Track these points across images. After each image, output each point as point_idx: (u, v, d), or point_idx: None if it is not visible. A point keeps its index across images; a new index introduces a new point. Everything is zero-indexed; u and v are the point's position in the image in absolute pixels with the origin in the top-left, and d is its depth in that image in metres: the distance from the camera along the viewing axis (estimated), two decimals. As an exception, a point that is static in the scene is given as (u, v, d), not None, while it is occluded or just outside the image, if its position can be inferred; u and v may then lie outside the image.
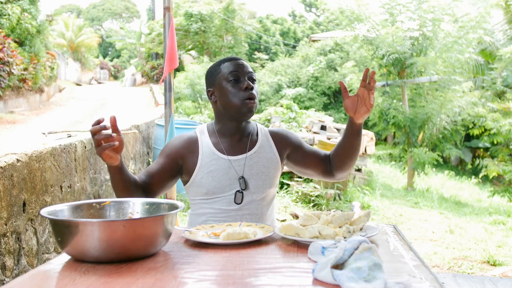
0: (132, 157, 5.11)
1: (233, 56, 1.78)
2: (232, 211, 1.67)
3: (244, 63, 1.73)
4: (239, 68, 1.70)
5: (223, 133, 1.74)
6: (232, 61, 1.73)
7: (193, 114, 10.90)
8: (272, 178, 1.73)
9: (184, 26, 17.29)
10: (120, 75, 31.26)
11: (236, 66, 1.70)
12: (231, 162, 1.69)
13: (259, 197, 1.70)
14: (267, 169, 1.72)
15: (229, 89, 1.68)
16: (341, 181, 6.45)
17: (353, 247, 1.01)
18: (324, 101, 15.25)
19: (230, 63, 1.72)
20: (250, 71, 1.72)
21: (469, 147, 13.23)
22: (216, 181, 1.66)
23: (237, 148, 1.72)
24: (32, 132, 6.41)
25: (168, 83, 3.49)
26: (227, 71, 1.69)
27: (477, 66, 11.72)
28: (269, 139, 1.79)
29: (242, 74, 1.69)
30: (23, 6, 10.08)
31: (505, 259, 4.39)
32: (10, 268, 2.10)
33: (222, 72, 1.71)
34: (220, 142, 1.73)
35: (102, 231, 1.03)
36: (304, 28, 26.56)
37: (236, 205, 1.67)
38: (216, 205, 1.68)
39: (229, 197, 1.67)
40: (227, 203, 1.67)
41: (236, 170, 1.68)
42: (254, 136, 1.77)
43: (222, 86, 1.69)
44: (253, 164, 1.70)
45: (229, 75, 1.68)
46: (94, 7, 42.48)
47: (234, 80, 1.68)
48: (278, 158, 1.76)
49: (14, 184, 2.14)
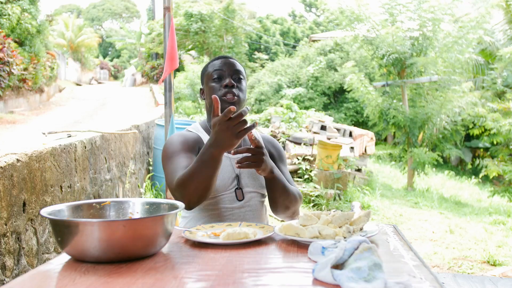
0: (132, 157, 5.11)
1: (223, 55, 1.80)
2: (235, 208, 1.68)
3: (231, 62, 1.74)
4: (224, 67, 1.72)
5: None
6: (220, 59, 1.75)
7: (193, 114, 10.91)
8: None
9: (184, 26, 17.29)
10: (120, 75, 31.27)
11: (221, 65, 1.72)
12: (230, 160, 1.72)
13: (256, 194, 1.74)
14: None
15: (211, 86, 1.70)
16: (344, 186, 6.45)
17: (353, 247, 1.01)
18: (324, 101, 15.25)
19: (217, 61, 1.75)
20: (237, 69, 1.73)
21: (469, 147, 13.24)
22: (220, 179, 1.67)
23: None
24: (32, 132, 6.41)
25: (168, 83, 3.49)
26: (212, 69, 1.73)
27: (477, 66, 11.73)
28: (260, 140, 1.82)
29: (226, 72, 1.71)
30: (23, 6, 10.08)
31: (505, 259, 4.39)
32: (10, 268, 2.10)
33: (208, 71, 1.75)
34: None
35: (102, 231, 1.03)
36: (304, 28, 26.57)
37: (239, 202, 1.69)
38: (219, 205, 1.68)
39: (230, 194, 1.68)
40: (230, 201, 1.68)
41: (234, 167, 1.71)
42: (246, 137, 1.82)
43: (207, 84, 1.73)
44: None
45: (214, 73, 1.71)
46: (94, 7, 42.49)
47: (218, 78, 1.70)
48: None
49: (14, 184, 2.14)
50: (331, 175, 6.35)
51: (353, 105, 14.88)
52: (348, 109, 15.14)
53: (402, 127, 9.16)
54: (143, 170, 5.82)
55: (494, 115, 8.76)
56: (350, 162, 7.08)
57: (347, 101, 15.09)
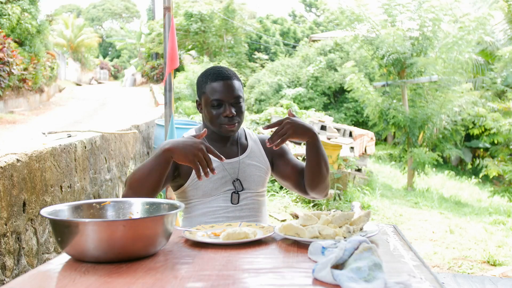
0: (132, 157, 5.11)
1: (221, 74, 1.70)
2: (230, 207, 1.72)
3: (231, 85, 1.68)
4: (224, 93, 1.67)
5: (212, 139, 1.79)
6: (219, 81, 1.68)
7: (193, 114, 10.90)
8: (264, 179, 1.81)
9: (184, 26, 17.30)
10: (120, 75, 31.28)
11: (220, 91, 1.67)
12: (223, 165, 1.74)
13: (254, 195, 1.77)
14: (259, 171, 1.79)
15: (211, 113, 1.68)
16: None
17: (353, 247, 1.01)
18: (324, 101, 15.25)
19: (216, 84, 1.68)
20: (236, 95, 1.68)
21: (469, 147, 13.23)
22: (212, 183, 1.71)
23: (229, 152, 1.78)
24: (32, 132, 6.41)
25: (168, 83, 3.50)
26: (212, 96, 1.68)
27: (477, 66, 11.73)
28: (258, 144, 1.86)
29: (226, 99, 1.67)
30: (23, 6, 10.08)
31: (505, 259, 4.39)
32: (10, 268, 2.10)
33: (207, 94, 1.69)
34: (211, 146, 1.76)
35: (102, 231, 1.04)
36: (304, 28, 26.55)
37: (232, 205, 1.72)
38: (214, 203, 1.72)
39: (225, 195, 1.72)
40: (224, 201, 1.72)
41: (229, 172, 1.74)
42: (242, 139, 1.84)
43: (206, 106, 1.71)
44: (246, 167, 1.77)
45: (213, 101, 1.67)
46: (94, 7, 42.48)
47: (217, 105, 1.68)
48: (267, 162, 1.84)
49: (14, 184, 2.14)
50: (331, 175, 6.36)
51: (353, 105, 14.88)
52: (348, 109, 15.14)
53: (402, 127, 9.16)
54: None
55: (494, 114, 8.76)
56: (350, 162, 7.07)
57: (347, 101, 15.09)
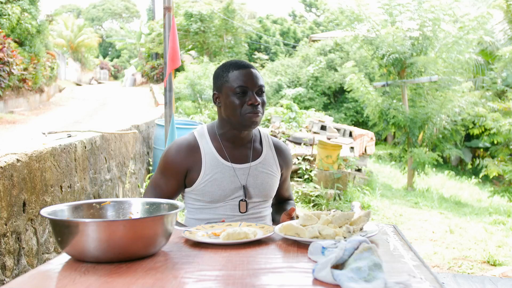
0: (132, 157, 5.11)
1: (243, 63, 1.66)
2: (235, 216, 1.67)
3: (254, 73, 1.63)
4: (248, 81, 1.61)
5: (226, 138, 1.70)
6: (242, 69, 1.63)
7: (193, 114, 10.90)
8: (273, 187, 1.75)
9: (184, 26, 17.29)
10: (120, 75, 31.26)
11: (245, 79, 1.61)
12: (235, 170, 1.66)
13: (261, 203, 1.73)
14: (270, 179, 1.73)
15: (234, 101, 1.60)
16: (342, 181, 6.45)
17: (353, 247, 1.01)
18: (324, 101, 15.26)
19: (239, 72, 1.62)
20: (260, 83, 1.63)
21: (469, 147, 13.23)
22: (221, 189, 1.64)
23: (241, 156, 1.70)
24: (32, 132, 6.41)
25: (168, 83, 3.50)
26: (235, 83, 1.61)
27: (477, 66, 11.72)
28: (273, 151, 1.78)
29: (250, 87, 1.61)
30: (23, 6, 10.08)
31: (505, 259, 4.38)
32: (10, 268, 2.10)
33: (230, 82, 1.62)
34: (223, 147, 1.69)
35: (102, 231, 1.03)
36: (304, 28, 26.55)
37: (240, 214, 1.68)
38: (219, 211, 1.67)
39: (232, 203, 1.66)
40: (231, 210, 1.67)
41: (239, 178, 1.66)
42: (257, 143, 1.76)
43: (228, 96, 1.62)
44: (257, 174, 1.69)
45: (237, 88, 1.60)
46: (94, 7, 42.47)
47: (241, 93, 1.60)
48: (279, 172, 1.78)
49: (14, 184, 2.14)
50: (331, 175, 6.35)
51: (353, 105, 14.88)
52: (348, 109, 15.15)
53: (402, 127, 9.15)
54: (143, 170, 5.82)
55: (494, 114, 8.75)
56: (350, 162, 7.07)
57: (347, 101, 15.10)
